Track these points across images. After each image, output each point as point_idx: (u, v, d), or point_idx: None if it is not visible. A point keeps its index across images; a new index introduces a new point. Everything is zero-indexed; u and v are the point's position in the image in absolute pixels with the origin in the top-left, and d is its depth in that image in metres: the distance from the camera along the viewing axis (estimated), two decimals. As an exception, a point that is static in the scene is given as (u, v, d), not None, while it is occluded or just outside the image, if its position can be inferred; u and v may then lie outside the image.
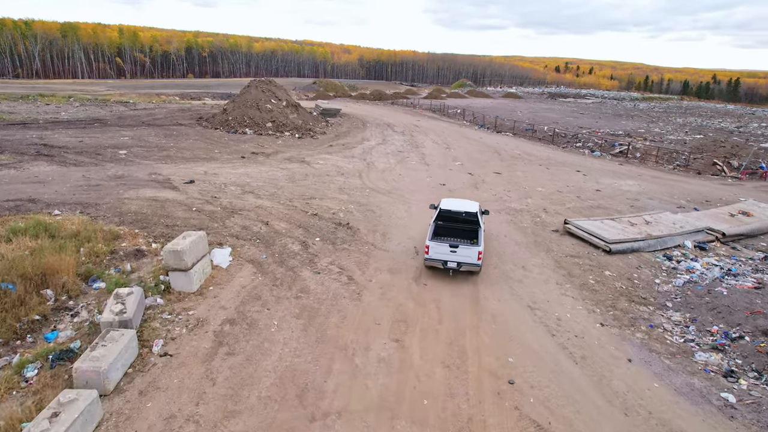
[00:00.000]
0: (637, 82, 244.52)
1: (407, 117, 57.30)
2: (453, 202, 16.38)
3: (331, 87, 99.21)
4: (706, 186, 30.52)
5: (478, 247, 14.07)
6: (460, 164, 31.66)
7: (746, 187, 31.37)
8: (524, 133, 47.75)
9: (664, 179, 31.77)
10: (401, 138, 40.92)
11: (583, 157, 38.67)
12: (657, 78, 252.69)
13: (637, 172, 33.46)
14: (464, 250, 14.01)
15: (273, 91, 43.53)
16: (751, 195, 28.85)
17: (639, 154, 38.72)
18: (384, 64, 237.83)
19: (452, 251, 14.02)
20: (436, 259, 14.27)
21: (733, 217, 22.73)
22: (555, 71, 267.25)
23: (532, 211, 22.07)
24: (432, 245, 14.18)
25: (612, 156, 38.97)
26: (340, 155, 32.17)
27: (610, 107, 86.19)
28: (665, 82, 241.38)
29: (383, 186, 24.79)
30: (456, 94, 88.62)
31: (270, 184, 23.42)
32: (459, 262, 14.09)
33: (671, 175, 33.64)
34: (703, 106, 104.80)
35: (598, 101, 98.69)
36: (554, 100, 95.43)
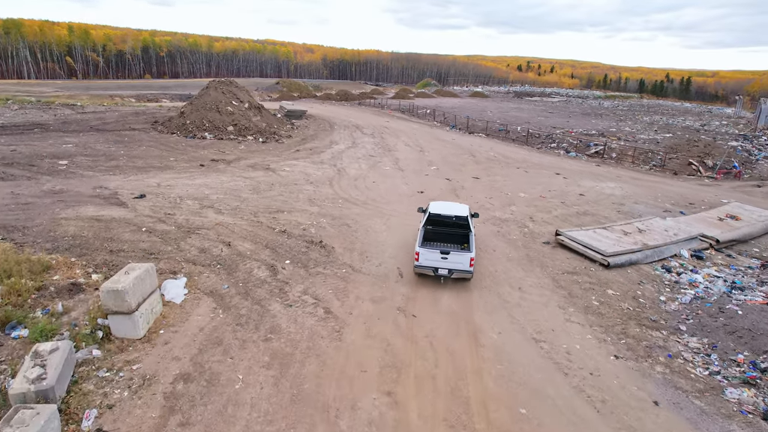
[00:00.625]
0: (596, 80, 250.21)
1: (376, 118, 55.49)
2: (442, 205, 15.82)
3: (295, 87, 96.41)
4: (685, 187, 29.93)
5: (470, 253, 13.42)
6: (436, 169, 30.06)
7: (724, 187, 30.99)
8: (497, 133, 46.69)
9: (643, 180, 31.05)
10: (372, 141, 39.07)
11: (559, 158, 37.77)
12: (615, 76, 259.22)
13: (615, 173, 32.68)
14: (456, 256, 13.40)
15: (234, 93, 40.92)
16: (731, 196, 28.39)
17: (615, 154, 38.11)
18: (348, 64, 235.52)
19: (443, 258, 13.40)
20: (426, 266, 13.62)
21: (721, 221, 21.92)
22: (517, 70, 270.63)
23: (519, 221, 20.61)
24: (422, 252, 13.52)
25: (588, 156, 38.24)
26: (308, 161, 30.05)
27: (577, 106, 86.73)
28: (623, 80, 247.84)
29: (357, 195, 22.88)
30: (423, 94, 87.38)
31: (232, 196, 21.15)
32: (450, 269, 13.48)
33: (649, 176, 33.02)
34: (663, 104, 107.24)
35: (564, 100, 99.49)
36: (521, 99, 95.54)
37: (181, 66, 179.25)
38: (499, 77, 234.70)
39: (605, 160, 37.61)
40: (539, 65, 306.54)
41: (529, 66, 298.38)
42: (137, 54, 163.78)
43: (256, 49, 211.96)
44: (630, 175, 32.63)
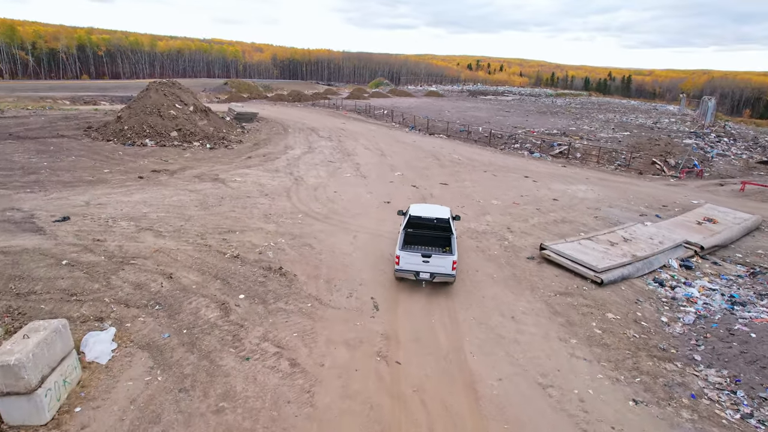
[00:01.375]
0: (544, 78, 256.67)
1: (331, 120, 53.14)
2: (423, 207, 15.50)
3: (244, 88, 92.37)
4: (654, 188, 29.48)
5: (452, 256, 13.10)
6: (401, 175, 28.20)
7: (689, 187, 30.81)
8: (458, 134, 45.43)
9: (611, 182, 30.39)
10: (329, 144, 36.80)
11: (523, 159, 36.81)
12: (561, 74, 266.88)
13: (583, 174, 31.92)
14: (438, 259, 13.05)
15: (177, 95, 37.59)
16: (699, 196, 28.09)
17: (579, 154, 37.55)
18: (299, 64, 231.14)
19: (425, 261, 13.08)
20: (407, 270, 13.29)
21: (700, 225, 21.19)
22: (468, 69, 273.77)
23: (497, 232, 19.02)
24: (403, 255, 13.17)
25: (552, 157, 37.50)
26: (262, 169, 27.49)
27: (531, 104, 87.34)
28: (569, 78, 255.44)
29: (318, 208, 20.67)
30: (378, 94, 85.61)
31: (175, 215, 18.47)
32: (432, 272, 13.16)
33: (616, 176, 32.48)
34: (611, 102, 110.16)
35: (518, 98, 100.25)
36: (475, 98, 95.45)
37: (122, 66, 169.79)
38: (451, 76, 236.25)
39: (570, 160, 36.96)
40: (488, 64, 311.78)
41: (479, 65, 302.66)
42: (72, 53, 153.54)
43: (202, 48, 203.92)
44: (598, 176, 31.95)
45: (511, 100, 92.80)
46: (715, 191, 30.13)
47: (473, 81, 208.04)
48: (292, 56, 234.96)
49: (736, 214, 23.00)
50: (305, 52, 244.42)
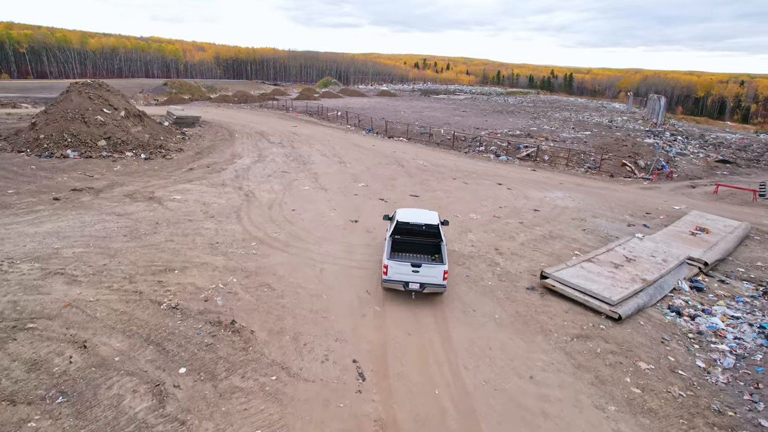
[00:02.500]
0: (490, 77, 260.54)
1: (282, 123, 49.55)
2: (411, 213, 14.87)
3: (185, 88, 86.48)
4: (631, 192, 28.23)
5: (442, 266, 12.55)
6: (365, 186, 25.42)
7: (664, 190, 29.85)
8: (419, 137, 43.10)
9: (587, 187, 28.90)
10: (282, 152, 33.47)
11: (490, 163, 34.91)
12: (506, 73, 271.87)
13: (556, 179, 30.31)
14: (428, 269, 12.49)
15: (105, 97, 33.07)
16: (677, 200, 27.03)
17: (547, 157, 36.05)
18: (243, 63, 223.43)
19: (414, 271, 12.51)
20: (395, 280, 12.67)
21: (694, 236, 19.73)
22: (415, 67, 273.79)
23: (485, 255, 16.64)
24: (391, 265, 12.55)
25: (519, 160, 35.84)
26: (206, 183, 23.96)
27: (485, 103, 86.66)
28: (514, 76, 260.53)
29: (275, 233, 17.57)
30: (329, 94, 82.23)
31: (98, 249, 14.90)
32: (422, 282, 12.60)
33: (590, 180, 31.11)
34: (561, 100, 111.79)
35: (470, 97, 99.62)
36: (428, 97, 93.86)
37: (49, 65, 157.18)
38: (399, 75, 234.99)
39: (538, 163, 35.40)
40: (435, 63, 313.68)
41: (425, 63, 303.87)
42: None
43: (139, 47, 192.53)
44: (571, 180, 30.43)
45: (464, 100, 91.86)
46: (690, 194, 29.24)
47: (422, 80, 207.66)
48: (235, 55, 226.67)
49: (725, 221, 21.82)
50: (249, 50, 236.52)
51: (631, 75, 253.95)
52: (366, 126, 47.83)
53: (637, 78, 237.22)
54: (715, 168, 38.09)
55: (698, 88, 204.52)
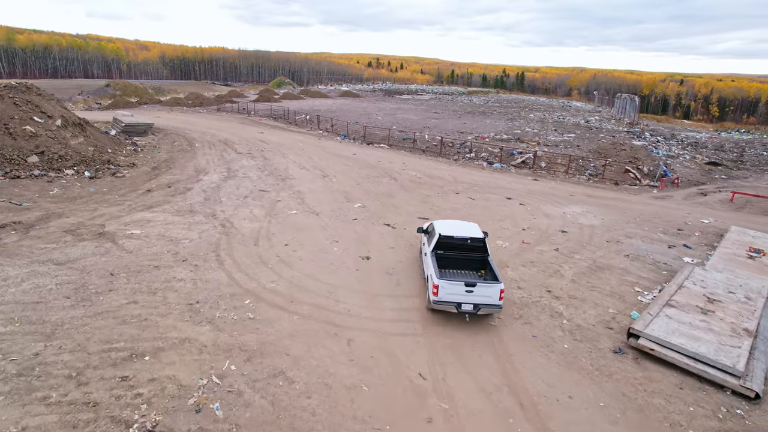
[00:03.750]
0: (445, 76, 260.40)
1: (245, 129, 44.84)
2: (451, 225, 14.12)
3: (131, 90, 79.31)
4: (647, 204, 25.84)
5: (499, 285, 11.54)
6: (362, 207, 21.69)
7: (677, 199, 27.73)
8: (401, 143, 39.61)
9: (599, 198, 26.31)
10: (253, 164, 29.16)
11: (485, 172, 31.89)
12: (460, 72, 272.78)
13: (564, 190, 27.60)
14: (483, 289, 11.44)
15: (36, 103, 27.68)
16: (697, 211, 24.92)
17: (544, 163, 33.38)
18: (190, 63, 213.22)
19: (468, 291, 11.44)
20: (447, 302, 11.56)
21: (753, 260, 17.25)
22: (368, 67, 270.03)
23: (538, 301, 13.40)
24: (443, 285, 11.44)
25: (515, 168, 33.01)
26: (171, 209, 19.56)
27: (452, 103, 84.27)
28: (467, 75, 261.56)
29: (271, 281, 13.64)
30: (290, 95, 77.37)
31: (27, 327, 10.55)
32: (477, 303, 11.53)
33: (598, 190, 28.58)
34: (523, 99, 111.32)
35: (434, 97, 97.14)
36: (392, 98, 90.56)
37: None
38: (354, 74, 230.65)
39: (536, 171, 32.69)
40: (389, 62, 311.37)
41: (378, 62, 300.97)
42: None
43: (76, 45, 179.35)
44: (580, 191, 27.78)
45: (429, 100, 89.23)
46: (706, 203, 27.23)
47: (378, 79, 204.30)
48: (183, 55, 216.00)
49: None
50: (197, 50, 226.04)
51: (577, 73, 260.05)
52: (340, 131, 43.88)
53: (586, 76, 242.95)
54: (710, 171, 36.69)
55: (643, 86, 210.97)
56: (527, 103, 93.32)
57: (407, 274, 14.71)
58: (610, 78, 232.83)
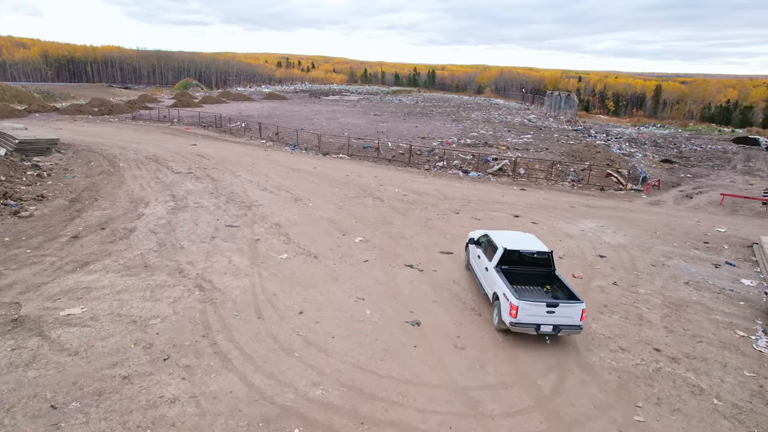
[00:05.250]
0: (358, 75, 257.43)
1: (174, 140, 38.39)
2: (512, 237, 13.26)
3: (11, 95, 67.36)
4: (649, 212, 24.55)
5: (580, 304, 10.75)
6: (364, 241, 17.61)
7: (670, 204, 26.85)
8: (362, 152, 35.51)
9: (600, 208, 24.38)
10: (201, 187, 23.82)
11: (466, 182, 28.95)
12: (372, 71, 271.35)
13: (561, 200, 25.45)
14: (565, 309, 10.68)
15: None
16: (700, 217, 23.79)
17: (523, 170, 31.04)
18: (80, 63, 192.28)
19: (549, 312, 10.64)
20: (526, 323, 10.71)
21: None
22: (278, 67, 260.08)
23: (653, 365, 10.44)
24: (523, 306, 10.58)
25: (493, 176, 30.37)
26: (116, 266, 14.25)
27: (384, 104, 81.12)
28: (380, 74, 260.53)
29: (314, 386, 9.39)
30: (211, 99, 69.71)
31: None
32: (557, 324, 10.74)
33: (591, 198, 26.72)
34: (451, 98, 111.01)
35: (362, 97, 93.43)
36: (319, 99, 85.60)
37: None
38: (265, 75, 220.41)
39: (516, 179, 30.25)
40: (299, 61, 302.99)
41: (288, 62, 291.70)
42: None
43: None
44: (577, 201, 25.65)
45: (359, 101, 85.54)
46: (699, 207, 26.32)
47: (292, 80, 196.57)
48: (70, 54, 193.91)
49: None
50: (87, 49, 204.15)
51: (482, 71, 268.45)
52: (287, 140, 38.86)
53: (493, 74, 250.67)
54: (671, 170, 36.61)
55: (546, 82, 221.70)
56: (457, 103, 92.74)
57: (482, 344, 11.03)
58: (516, 75, 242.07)
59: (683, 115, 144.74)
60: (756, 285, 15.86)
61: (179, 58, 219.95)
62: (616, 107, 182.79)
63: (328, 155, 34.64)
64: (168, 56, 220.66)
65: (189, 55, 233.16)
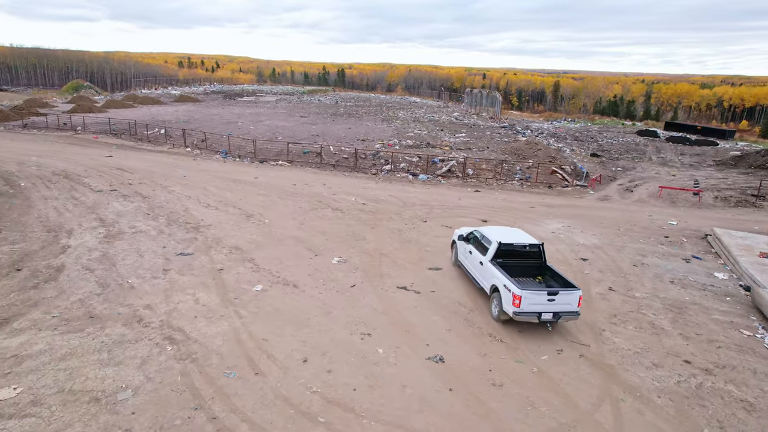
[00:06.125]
0: (266, 74, 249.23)
1: (83, 152, 33.60)
2: (503, 232, 13.87)
3: None
4: (601, 208, 25.62)
5: (577, 291, 11.42)
6: (342, 261, 15.89)
7: (616, 199, 27.64)
8: (303, 158, 33.22)
9: (559, 207, 24.62)
10: (132, 207, 20.61)
11: (419, 186, 27.98)
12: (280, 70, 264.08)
13: (519, 201, 25.46)
14: (564, 296, 11.30)
15: None
16: (648, 210, 24.86)
17: (471, 171, 30.64)
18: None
19: (550, 300, 11.22)
20: (529, 312, 11.20)
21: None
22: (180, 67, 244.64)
23: (691, 381, 10.05)
24: (526, 296, 11.04)
25: (443, 178, 29.70)
26: (53, 322, 11.38)
27: (304, 104, 78.40)
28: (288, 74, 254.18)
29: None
30: (115, 102, 62.53)
31: None
32: (556, 312, 11.32)
33: (546, 197, 26.99)
34: (370, 97, 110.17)
35: (279, 98, 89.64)
36: (234, 101, 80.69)
37: None
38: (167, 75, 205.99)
39: (466, 180, 29.78)
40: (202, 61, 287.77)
41: (191, 62, 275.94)
42: None
43: None
44: (535, 201, 25.64)
45: (277, 101, 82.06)
46: (643, 200, 27.59)
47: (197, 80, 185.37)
48: None
49: (756, 238, 19.66)
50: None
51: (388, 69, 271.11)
52: (216, 147, 35.50)
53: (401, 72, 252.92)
54: (601, 164, 38.27)
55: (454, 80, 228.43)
56: (377, 102, 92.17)
57: (517, 377, 9.90)
58: (423, 73, 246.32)
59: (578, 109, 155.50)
60: (728, 278, 16.33)
61: (65, 57, 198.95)
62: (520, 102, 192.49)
63: (266, 162, 32.06)
64: (50, 55, 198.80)
65: (77, 54, 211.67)
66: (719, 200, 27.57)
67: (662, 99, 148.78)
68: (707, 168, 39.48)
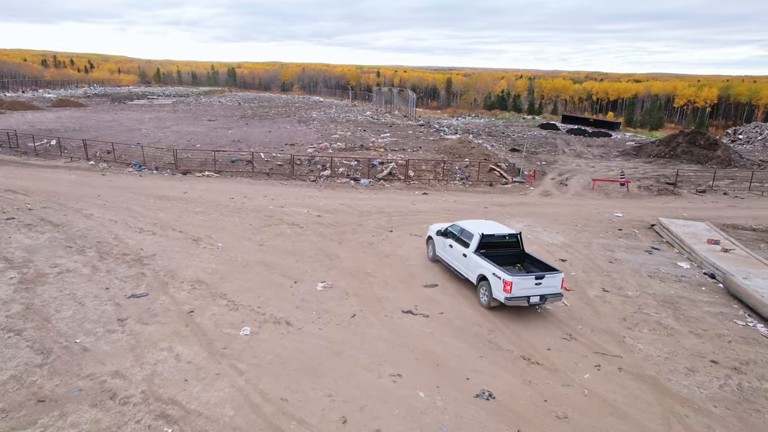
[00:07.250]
0: (150, 75, 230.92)
1: (-54, 170, 27.63)
2: (482, 224, 14.61)
3: None
4: (547, 204, 26.38)
5: (560, 274, 12.33)
6: (327, 287, 14.24)
7: (557, 194, 28.37)
8: (231, 167, 30.18)
9: (512, 206, 24.82)
10: (44, 239, 16.99)
11: (367, 192, 26.79)
12: (165, 70, 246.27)
13: (471, 202, 25.53)
14: (549, 279, 12.15)
15: None
16: (597, 204, 25.77)
17: (412, 172, 29.91)
18: None
19: (537, 284, 12.05)
20: (519, 297, 11.94)
21: (728, 252, 17.88)
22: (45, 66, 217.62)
23: (728, 385, 10.06)
24: (516, 281, 11.79)
25: (385, 181, 28.75)
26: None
27: (204, 106, 72.94)
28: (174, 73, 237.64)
29: None
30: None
31: None
32: (543, 294, 12.16)
33: (494, 196, 27.19)
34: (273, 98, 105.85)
35: (175, 100, 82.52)
36: (124, 104, 72.56)
37: None
38: (32, 76, 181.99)
39: (409, 183, 29.02)
40: (72, 60, 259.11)
41: (57, 61, 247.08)
42: None
43: None
44: (487, 201, 25.64)
45: (174, 104, 75.66)
46: (581, 194, 28.64)
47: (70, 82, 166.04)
48: None
49: (696, 225, 21.16)
50: None
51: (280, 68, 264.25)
52: (127, 159, 31.09)
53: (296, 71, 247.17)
54: (527, 158, 39.67)
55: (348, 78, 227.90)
56: (283, 102, 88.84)
57: (575, 404, 9.18)
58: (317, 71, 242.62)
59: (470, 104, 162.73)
60: (691, 267, 17.19)
61: None
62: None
63: (190, 174, 28.70)
64: None
65: None
66: (643, 189, 29.59)
67: (543, 93, 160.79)
68: (615, 158, 42.62)
